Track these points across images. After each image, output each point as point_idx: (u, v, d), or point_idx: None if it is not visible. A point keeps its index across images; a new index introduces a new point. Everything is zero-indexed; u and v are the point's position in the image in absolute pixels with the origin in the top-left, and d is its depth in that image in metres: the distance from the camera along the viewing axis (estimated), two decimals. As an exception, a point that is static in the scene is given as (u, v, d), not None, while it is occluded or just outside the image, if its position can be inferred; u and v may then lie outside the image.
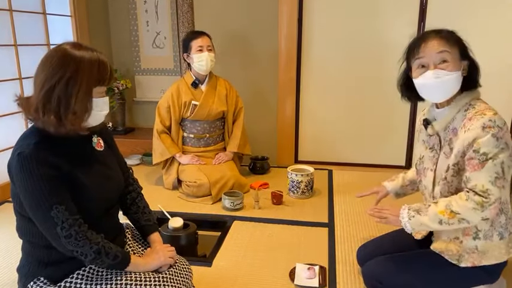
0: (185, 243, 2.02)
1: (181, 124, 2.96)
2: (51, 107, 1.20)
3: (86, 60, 1.21)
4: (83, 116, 1.23)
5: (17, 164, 1.18)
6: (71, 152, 1.26)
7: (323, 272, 1.88)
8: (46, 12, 3.06)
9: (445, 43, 1.39)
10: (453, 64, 1.39)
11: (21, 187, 1.18)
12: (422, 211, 1.42)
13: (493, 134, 1.31)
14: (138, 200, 1.52)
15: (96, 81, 1.24)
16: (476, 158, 1.33)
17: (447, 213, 1.36)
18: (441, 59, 1.39)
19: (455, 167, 1.42)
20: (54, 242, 1.21)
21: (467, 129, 1.36)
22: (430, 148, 1.56)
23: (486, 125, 1.32)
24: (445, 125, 1.48)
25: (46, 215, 1.18)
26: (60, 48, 1.24)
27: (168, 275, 1.35)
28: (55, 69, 1.20)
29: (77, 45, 1.26)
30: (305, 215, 2.50)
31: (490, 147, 1.32)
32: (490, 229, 1.42)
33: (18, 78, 2.81)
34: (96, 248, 1.22)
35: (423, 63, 1.42)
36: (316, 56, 3.29)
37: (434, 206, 1.40)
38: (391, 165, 3.37)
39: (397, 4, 3.07)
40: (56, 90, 1.19)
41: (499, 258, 1.43)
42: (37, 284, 1.26)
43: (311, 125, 3.44)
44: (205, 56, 2.76)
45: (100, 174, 1.34)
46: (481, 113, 1.36)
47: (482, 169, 1.32)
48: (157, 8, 3.56)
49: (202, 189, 2.70)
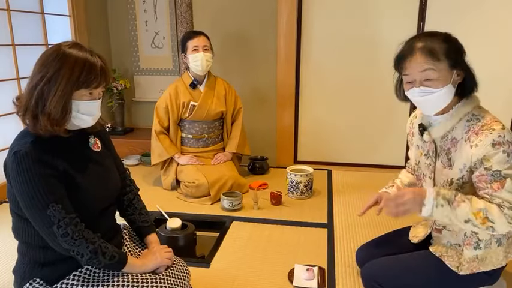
0: (183, 244, 2.02)
1: (180, 124, 2.95)
2: (30, 106, 1.20)
3: (72, 59, 1.19)
4: (57, 117, 1.19)
5: (14, 162, 1.17)
6: (67, 152, 1.26)
7: (322, 273, 1.87)
8: (44, 12, 3.05)
9: (429, 59, 1.33)
10: (439, 80, 1.34)
11: (18, 186, 1.17)
12: (453, 203, 1.32)
13: (504, 150, 1.28)
14: (135, 201, 1.51)
15: (77, 83, 1.19)
16: (489, 175, 1.30)
17: (481, 218, 1.30)
18: (426, 76, 1.34)
19: (460, 181, 1.40)
20: (50, 241, 1.20)
21: (475, 144, 1.32)
22: (425, 155, 1.53)
23: (496, 141, 1.29)
24: (444, 134, 1.44)
25: (42, 214, 1.17)
26: (55, 46, 1.23)
27: (166, 276, 1.34)
28: (41, 66, 1.21)
29: (75, 44, 1.24)
30: (304, 216, 2.49)
31: (502, 164, 1.29)
32: (490, 238, 1.42)
33: (16, 78, 2.80)
34: (92, 248, 1.21)
35: (410, 79, 1.39)
36: (315, 56, 3.28)
37: (469, 204, 1.31)
38: (390, 165, 3.36)
39: (396, 3, 3.06)
40: (38, 88, 1.19)
41: (497, 264, 1.43)
42: (33, 285, 1.25)
43: (310, 125, 3.43)
44: (200, 56, 2.75)
45: (96, 174, 1.33)
46: (489, 127, 1.31)
47: (503, 189, 1.29)
48: (156, 7, 3.55)
49: (201, 190, 2.69)
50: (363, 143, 3.38)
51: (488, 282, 1.49)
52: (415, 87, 1.38)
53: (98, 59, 1.24)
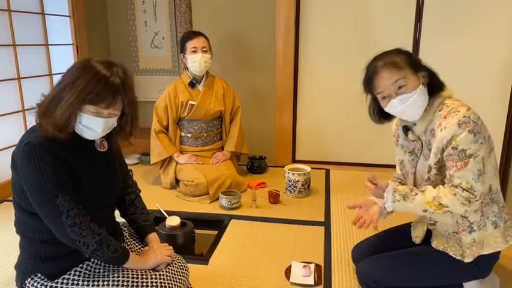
0: (182, 242, 2.04)
1: (179, 124, 2.97)
2: (43, 105, 1.23)
3: (91, 73, 1.19)
4: (61, 124, 1.21)
5: (24, 152, 1.19)
6: (75, 149, 1.28)
7: (318, 270, 1.90)
8: (44, 12, 3.07)
9: (394, 71, 1.44)
10: (410, 83, 1.44)
11: (26, 175, 1.19)
12: (409, 198, 1.45)
13: (470, 130, 1.36)
14: (137, 201, 1.54)
15: (86, 98, 1.19)
16: (456, 154, 1.38)
17: (434, 205, 1.41)
18: (398, 85, 1.44)
19: (437, 165, 1.46)
20: (57, 231, 1.22)
21: (444, 127, 1.40)
22: (410, 152, 1.60)
23: (461, 121, 1.36)
24: (424, 129, 1.51)
25: (51, 203, 1.19)
26: (85, 58, 1.26)
27: (165, 273, 1.37)
28: (67, 71, 1.24)
29: (107, 61, 1.23)
30: (301, 214, 2.52)
31: (468, 144, 1.36)
32: (482, 219, 1.46)
33: (16, 78, 2.82)
34: (98, 239, 1.24)
35: (384, 95, 1.48)
36: (313, 56, 3.30)
37: (422, 196, 1.44)
38: (387, 164, 3.37)
39: (393, 6, 3.09)
40: (55, 91, 1.22)
41: (495, 247, 1.46)
42: (34, 280, 1.28)
43: (308, 125, 3.46)
44: (198, 57, 2.77)
45: (99, 173, 1.35)
46: (455, 110, 1.40)
47: (466, 168, 1.36)
48: (155, 8, 3.57)
49: (199, 189, 2.71)
50: (360, 143, 3.41)
51: (480, 275, 1.52)
52: (392, 99, 1.46)
53: (118, 81, 1.22)
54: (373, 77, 1.48)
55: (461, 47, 3.01)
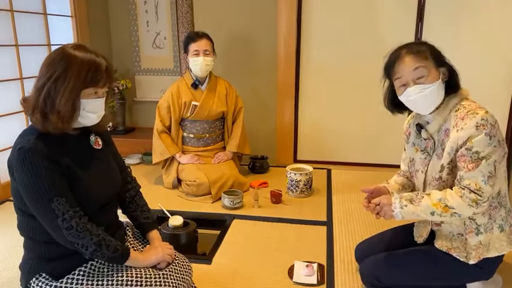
0: (185, 241, 2.04)
1: (181, 124, 2.98)
2: (39, 105, 1.23)
3: (78, 60, 1.23)
4: (67, 115, 1.23)
5: (18, 158, 1.20)
6: (69, 149, 1.29)
7: (321, 270, 1.90)
8: (47, 12, 3.08)
9: (417, 59, 1.43)
10: (431, 76, 1.43)
11: (22, 180, 1.20)
12: (415, 201, 1.45)
13: (486, 132, 1.35)
14: (137, 198, 1.54)
15: (85, 82, 1.24)
16: (468, 155, 1.37)
17: (441, 207, 1.40)
18: (418, 74, 1.43)
19: (450, 165, 1.45)
20: (55, 235, 1.23)
21: (460, 128, 1.39)
22: (422, 151, 1.59)
23: (479, 123, 1.36)
24: (438, 127, 1.51)
25: (47, 207, 1.20)
26: (59, 48, 1.27)
27: (169, 272, 1.37)
28: (48, 67, 1.24)
29: (79, 46, 1.28)
30: (304, 214, 2.52)
31: (483, 146, 1.35)
32: (489, 222, 1.46)
33: (19, 78, 2.83)
34: (96, 240, 1.24)
35: (402, 82, 1.47)
36: (315, 56, 3.31)
37: (428, 199, 1.43)
38: (389, 164, 3.38)
39: (395, 5, 3.09)
40: (45, 87, 1.23)
41: (501, 250, 1.46)
42: (39, 280, 1.28)
43: (310, 125, 3.46)
44: (200, 60, 2.78)
45: (97, 171, 1.36)
46: (473, 112, 1.39)
47: (477, 169, 1.36)
48: (157, 8, 3.58)
49: (202, 188, 2.72)
50: (362, 143, 3.41)
51: (484, 277, 1.52)
52: (408, 87, 1.45)
53: (103, 60, 1.28)
54: (395, 62, 1.47)
55: (462, 46, 3.01)
